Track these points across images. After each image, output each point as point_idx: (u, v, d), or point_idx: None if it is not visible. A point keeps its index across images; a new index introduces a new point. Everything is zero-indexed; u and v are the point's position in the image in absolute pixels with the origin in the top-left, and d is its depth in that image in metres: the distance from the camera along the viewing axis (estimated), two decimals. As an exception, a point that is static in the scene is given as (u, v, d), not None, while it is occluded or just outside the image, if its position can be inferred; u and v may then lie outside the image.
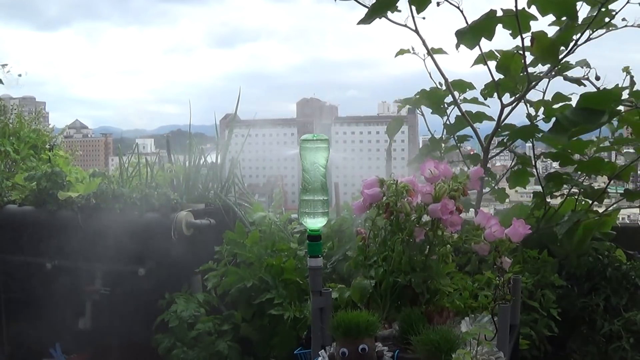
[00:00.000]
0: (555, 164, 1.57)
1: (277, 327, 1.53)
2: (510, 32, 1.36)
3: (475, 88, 1.56)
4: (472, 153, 1.64)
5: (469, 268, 1.33)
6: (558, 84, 1.41)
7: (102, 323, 1.86)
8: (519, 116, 1.49)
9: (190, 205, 1.86)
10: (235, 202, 1.92)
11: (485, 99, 1.53)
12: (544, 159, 1.58)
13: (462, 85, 1.56)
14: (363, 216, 1.24)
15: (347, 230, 1.57)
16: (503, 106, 1.46)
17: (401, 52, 1.49)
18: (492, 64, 1.46)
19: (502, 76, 1.46)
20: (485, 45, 1.40)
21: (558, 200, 1.56)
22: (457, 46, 1.37)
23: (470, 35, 1.35)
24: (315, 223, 1.05)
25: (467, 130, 1.60)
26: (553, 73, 1.40)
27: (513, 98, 1.47)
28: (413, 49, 1.49)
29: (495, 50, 1.45)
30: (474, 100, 1.56)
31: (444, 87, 1.56)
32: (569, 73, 1.41)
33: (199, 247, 1.77)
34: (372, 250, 1.08)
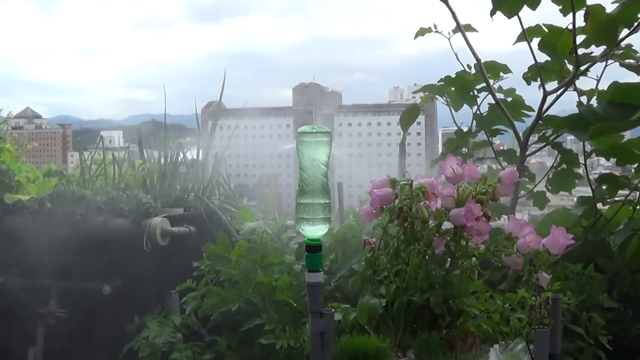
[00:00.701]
0: (602, 165, 1.55)
1: (268, 358, 1.53)
2: (560, 7, 1.34)
3: (511, 72, 1.55)
4: (501, 148, 1.64)
5: (504, 286, 1.33)
6: (616, 71, 1.36)
7: (57, 353, 1.86)
8: (563, 105, 1.47)
9: (166, 210, 1.88)
10: (220, 206, 1.93)
11: (529, 84, 1.51)
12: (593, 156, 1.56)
13: (496, 68, 1.55)
14: (372, 223, 1.26)
15: (352, 240, 1.58)
16: (546, 94, 1.44)
17: (421, 32, 1.48)
18: (535, 46, 1.43)
19: (544, 61, 1.44)
20: (526, 20, 1.38)
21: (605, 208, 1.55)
22: (493, 13, 1.35)
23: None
24: (315, 231, 1.06)
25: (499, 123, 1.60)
26: (608, 56, 1.35)
27: (558, 85, 1.44)
28: (435, 26, 1.47)
29: (543, 25, 1.42)
30: (510, 92, 1.55)
31: (472, 71, 1.56)
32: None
33: (177, 260, 1.79)
34: (383, 263, 1.09)
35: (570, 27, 1.32)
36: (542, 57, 1.47)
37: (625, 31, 1.32)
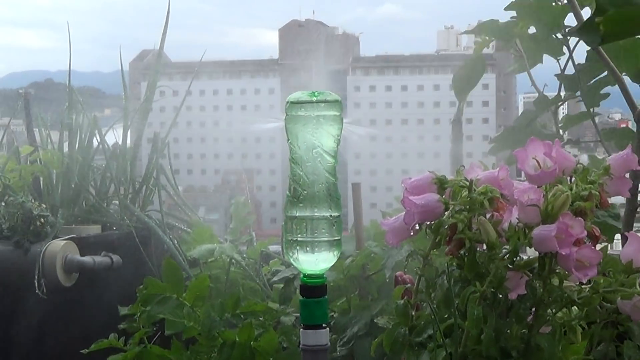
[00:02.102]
0: None
1: None
2: None
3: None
4: (621, 126, 1.65)
5: (628, 349, 1.33)
6: None
7: None
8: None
9: (73, 228, 1.89)
10: (161, 222, 1.94)
11: None
12: None
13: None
14: (405, 249, 1.26)
15: (375, 276, 1.59)
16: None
17: None
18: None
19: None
20: None
21: None
22: None
23: None
24: (316, 263, 1.08)
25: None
26: None
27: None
28: None
29: None
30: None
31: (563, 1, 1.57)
32: None
33: (90, 307, 1.81)
34: (424, 315, 1.10)
35: None
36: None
37: None
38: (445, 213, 1.07)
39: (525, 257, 1.05)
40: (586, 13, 1.52)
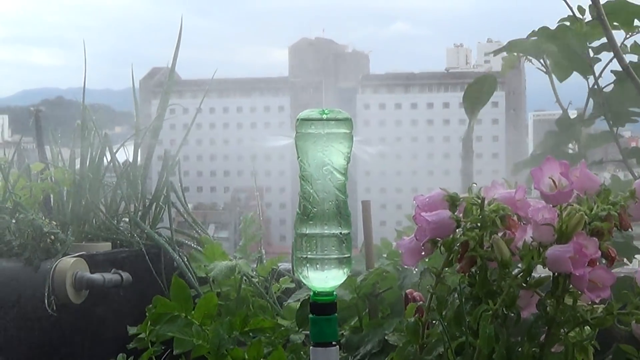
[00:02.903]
0: None
1: None
2: None
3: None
4: (633, 145, 1.64)
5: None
6: None
7: None
8: None
9: (83, 245, 1.89)
10: (171, 240, 1.94)
11: None
12: None
13: (627, 13, 1.54)
14: (418, 267, 1.25)
15: (387, 294, 1.58)
16: None
17: None
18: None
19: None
20: None
21: None
22: None
23: None
24: (326, 280, 1.07)
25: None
26: None
27: None
28: None
29: None
30: None
31: (587, 18, 1.56)
32: None
33: (100, 325, 1.80)
34: (436, 333, 1.09)
35: None
36: None
37: None
38: (457, 230, 1.07)
39: (538, 276, 1.05)
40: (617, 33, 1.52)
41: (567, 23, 1.60)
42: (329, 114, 1.07)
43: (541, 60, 1.67)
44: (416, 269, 1.38)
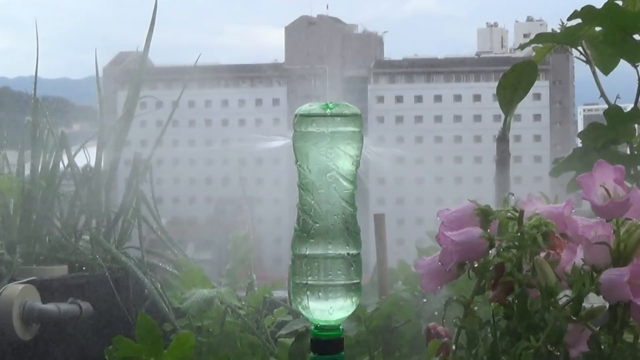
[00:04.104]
0: None
1: None
2: None
3: None
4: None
5: None
6: None
7: None
8: None
9: (34, 269, 1.89)
10: (141, 262, 1.95)
11: None
12: None
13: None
14: (442, 295, 1.25)
15: (404, 328, 1.58)
16: None
17: None
18: None
19: None
20: None
21: None
22: None
23: None
24: (331, 311, 1.07)
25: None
26: None
27: None
28: None
29: None
30: None
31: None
32: None
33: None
34: (466, 377, 1.09)
35: None
36: None
37: None
38: (490, 251, 1.07)
39: (589, 306, 1.04)
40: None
41: (619, 2, 1.61)
42: (334, 109, 1.07)
43: (580, 49, 1.67)
44: (438, 296, 1.38)
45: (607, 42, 1.65)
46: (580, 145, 1.73)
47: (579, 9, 1.60)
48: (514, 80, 1.70)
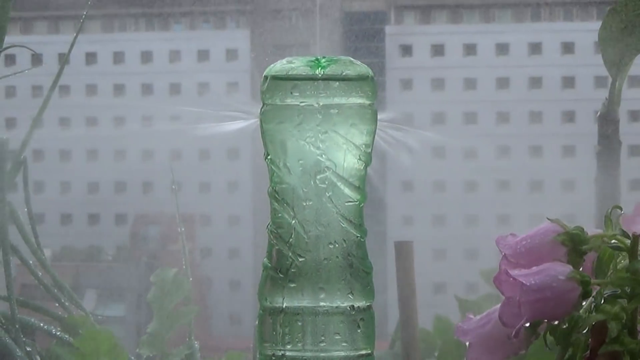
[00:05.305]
0: None
1: None
2: None
3: None
4: None
5: None
6: None
7: None
8: None
9: None
10: (11, 321, 1.96)
11: None
12: None
13: None
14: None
15: None
16: None
17: None
18: None
19: None
20: None
21: None
22: None
23: None
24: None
25: None
26: None
27: None
28: None
29: None
30: None
31: None
32: None
33: None
34: None
35: None
36: None
37: None
38: (584, 303, 1.08)
39: None
40: None
41: None
42: (329, 67, 1.06)
43: None
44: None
45: None
46: None
47: None
48: (626, 22, 1.72)
